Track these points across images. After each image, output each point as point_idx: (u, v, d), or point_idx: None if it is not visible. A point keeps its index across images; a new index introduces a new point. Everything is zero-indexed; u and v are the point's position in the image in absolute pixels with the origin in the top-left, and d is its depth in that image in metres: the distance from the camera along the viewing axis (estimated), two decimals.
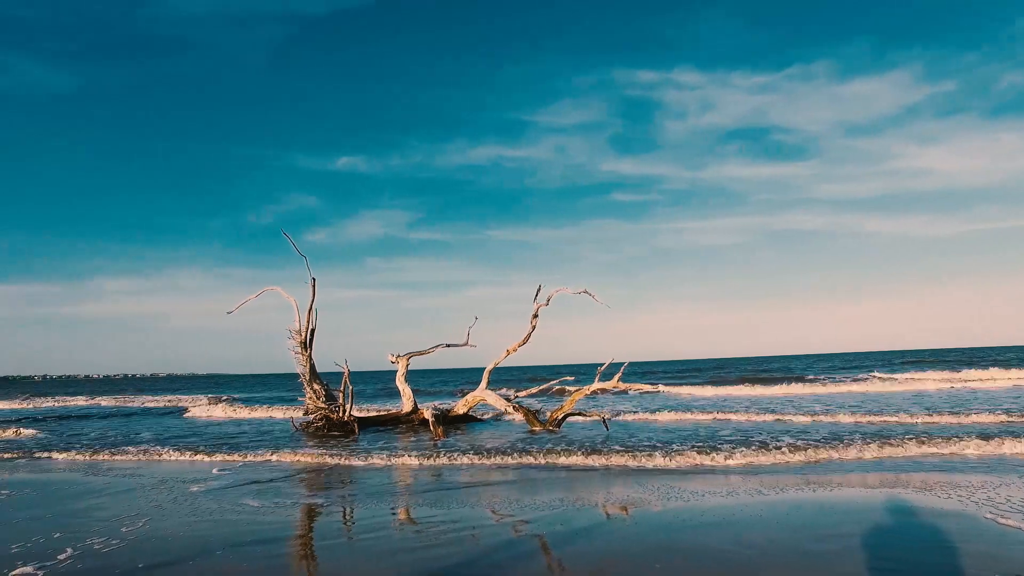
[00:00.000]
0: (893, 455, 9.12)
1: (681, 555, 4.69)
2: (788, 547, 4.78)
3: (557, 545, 5.13)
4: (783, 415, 15.08)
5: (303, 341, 15.92)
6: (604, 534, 5.40)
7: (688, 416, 16.00)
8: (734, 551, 4.72)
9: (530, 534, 5.50)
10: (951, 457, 8.86)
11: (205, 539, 5.51)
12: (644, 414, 16.75)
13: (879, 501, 6.28)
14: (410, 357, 16.94)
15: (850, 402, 18.30)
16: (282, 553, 5.12)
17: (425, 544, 5.22)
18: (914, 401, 17.95)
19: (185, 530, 5.87)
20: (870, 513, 5.82)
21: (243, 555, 4.98)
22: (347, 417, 15.15)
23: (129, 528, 5.95)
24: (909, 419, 13.27)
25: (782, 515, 5.82)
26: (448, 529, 5.67)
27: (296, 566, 4.78)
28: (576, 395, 15.57)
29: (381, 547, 5.16)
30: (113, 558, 4.97)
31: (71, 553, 5.13)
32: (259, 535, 5.65)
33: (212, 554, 5.01)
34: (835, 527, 5.33)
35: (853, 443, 9.94)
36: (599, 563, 4.55)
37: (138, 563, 4.80)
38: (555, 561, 4.71)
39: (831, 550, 4.69)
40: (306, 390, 15.91)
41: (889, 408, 15.84)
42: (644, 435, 12.33)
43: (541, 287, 16.01)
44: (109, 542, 5.45)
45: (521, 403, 15.79)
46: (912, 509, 5.90)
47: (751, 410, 16.77)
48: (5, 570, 4.73)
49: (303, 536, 5.75)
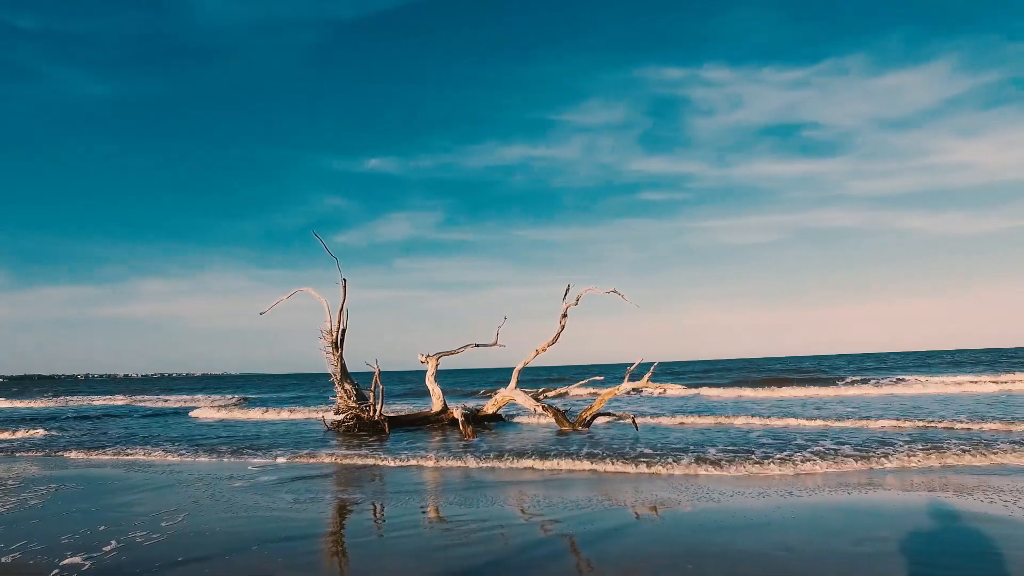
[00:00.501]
0: (932, 465, 8.83)
1: (713, 556, 4.64)
2: (824, 550, 4.69)
3: (586, 545, 5.12)
4: (811, 420, 14.79)
5: (334, 341, 16.15)
6: (634, 534, 5.37)
7: (723, 420, 15.79)
8: (768, 553, 4.65)
9: (559, 533, 5.50)
10: (992, 467, 8.54)
11: (240, 535, 5.64)
12: (673, 415, 16.58)
13: (918, 505, 6.12)
14: (440, 357, 17.05)
15: (885, 404, 17.85)
16: (314, 550, 5.21)
17: (455, 543, 5.26)
18: (950, 404, 17.41)
19: (221, 525, 6.01)
20: (909, 517, 5.68)
21: (277, 551, 5.08)
22: (377, 417, 15.32)
23: (168, 523, 6.12)
24: (948, 424, 12.88)
25: (816, 517, 5.71)
26: (477, 528, 5.70)
27: (328, 563, 4.87)
28: (605, 395, 15.49)
29: (411, 545, 5.22)
30: (154, 551, 5.13)
31: (115, 545, 5.30)
32: (292, 532, 5.76)
33: (247, 550, 5.12)
34: (872, 530, 5.21)
35: (892, 448, 9.69)
36: (629, 563, 4.53)
37: (177, 557, 4.94)
38: (584, 561, 4.71)
39: (868, 553, 4.59)
40: (337, 390, 16.14)
41: (924, 411, 15.41)
42: (674, 436, 12.21)
43: (570, 287, 15.99)
44: (150, 536, 5.61)
45: (550, 403, 15.78)
46: (953, 513, 5.74)
47: (779, 412, 16.48)
48: (56, 559, 4.91)
49: (334, 533, 5.84)
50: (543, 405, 15.36)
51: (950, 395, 20.69)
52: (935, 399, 19.05)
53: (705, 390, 27.11)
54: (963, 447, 9.50)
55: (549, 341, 16.23)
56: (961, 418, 13.35)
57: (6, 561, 4.94)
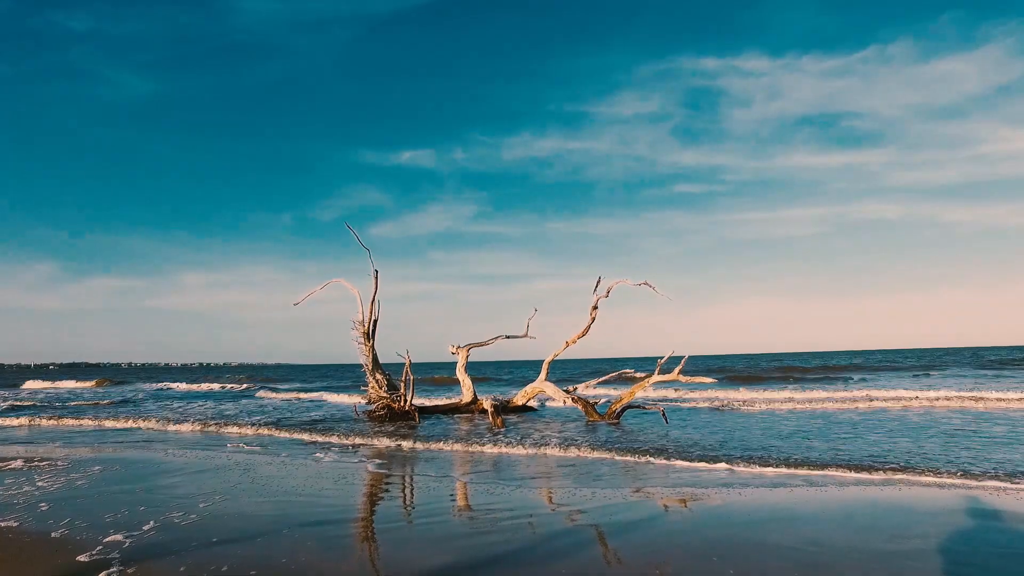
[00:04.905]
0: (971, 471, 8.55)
1: (741, 550, 4.58)
2: (855, 547, 4.59)
3: (613, 535, 5.11)
4: (841, 416, 14.45)
5: (366, 332, 16.38)
6: (660, 526, 5.34)
7: (756, 412, 15.55)
8: (797, 548, 4.57)
9: (586, 523, 5.50)
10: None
11: (273, 518, 5.79)
12: (703, 408, 16.39)
13: (954, 503, 5.93)
14: (470, 348, 17.17)
15: (922, 404, 17.31)
16: (344, 534, 5.31)
17: (482, 530, 5.30)
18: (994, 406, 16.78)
19: (254, 508, 6.17)
20: (944, 515, 5.51)
21: (308, 534, 5.20)
22: (408, 406, 15.51)
23: (205, 504, 6.31)
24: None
25: (849, 514, 5.59)
26: (505, 516, 5.74)
27: (358, 547, 4.96)
28: (635, 388, 15.39)
29: (439, 532, 5.28)
30: (191, 531, 5.30)
31: (153, 524, 5.49)
32: (322, 516, 5.88)
33: (280, 532, 5.25)
34: (906, 528, 5.08)
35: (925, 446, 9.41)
36: (655, 555, 4.51)
37: (212, 537, 5.10)
38: (612, 551, 4.70)
39: (902, 551, 4.48)
40: (369, 380, 16.38)
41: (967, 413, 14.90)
42: (704, 430, 12.07)
43: (601, 279, 15.91)
44: (187, 516, 5.80)
45: (580, 395, 15.74)
46: (993, 512, 5.55)
47: (811, 410, 16.14)
48: (99, 536, 5.12)
49: (364, 519, 5.94)
50: (573, 396, 15.34)
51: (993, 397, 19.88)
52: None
53: (741, 385, 26.71)
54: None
55: (579, 333, 16.19)
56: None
57: (55, 536, 5.18)
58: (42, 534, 5.28)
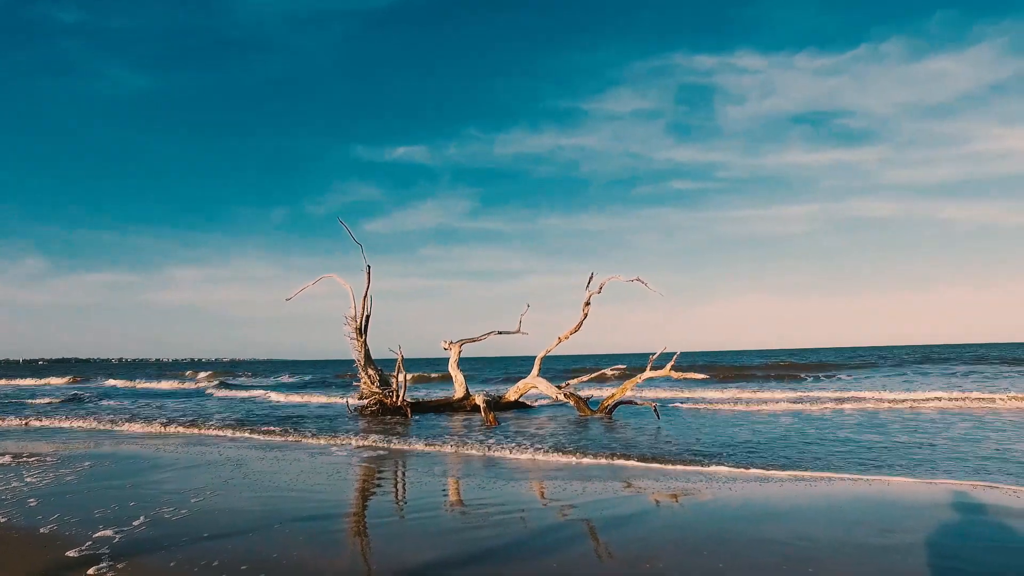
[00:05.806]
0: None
1: (732, 544, 4.60)
2: (845, 541, 4.62)
3: (604, 530, 5.12)
4: (835, 415, 14.55)
5: (358, 327, 16.35)
6: (652, 520, 5.36)
7: (747, 409, 15.63)
8: (788, 543, 4.60)
9: (578, 518, 5.51)
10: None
11: (264, 513, 5.77)
12: (695, 404, 16.46)
13: (943, 498, 5.98)
14: (462, 344, 17.15)
15: (913, 399, 17.45)
16: (335, 529, 5.31)
17: (474, 525, 5.31)
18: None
19: (245, 504, 6.15)
20: (934, 510, 5.56)
21: (299, 529, 5.19)
22: (400, 402, 15.49)
23: (196, 499, 6.29)
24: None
25: (838, 509, 5.63)
26: (497, 511, 5.74)
27: (349, 541, 4.95)
28: (627, 383, 15.44)
29: (431, 527, 5.28)
30: (181, 526, 5.27)
31: (143, 520, 5.46)
32: (313, 511, 5.87)
33: (270, 527, 5.24)
34: (896, 523, 5.12)
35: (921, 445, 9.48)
36: (647, 550, 4.52)
37: (203, 532, 5.08)
38: (603, 546, 4.72)
39: (892, 545, 4.51)
40: (361, 375, 16.35)
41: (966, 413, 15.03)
42: (695, 425, 12.12)
43: (593, 275, 15.92)
44: (178, 511, 5.78)
45: (573, 391, 15.77)
46: (979, 507, 5.60)
47: (800, 406, 16.24)
48: (89, 532, 5.09)
49: (356, 514, 5.94)
50: (565, 392, 15.37)
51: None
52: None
53: (730, 381, 26.82)
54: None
55: (572, 329, 16.21)
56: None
57: (44, 531, 5.14)
58: (31, 529, 5.25)
